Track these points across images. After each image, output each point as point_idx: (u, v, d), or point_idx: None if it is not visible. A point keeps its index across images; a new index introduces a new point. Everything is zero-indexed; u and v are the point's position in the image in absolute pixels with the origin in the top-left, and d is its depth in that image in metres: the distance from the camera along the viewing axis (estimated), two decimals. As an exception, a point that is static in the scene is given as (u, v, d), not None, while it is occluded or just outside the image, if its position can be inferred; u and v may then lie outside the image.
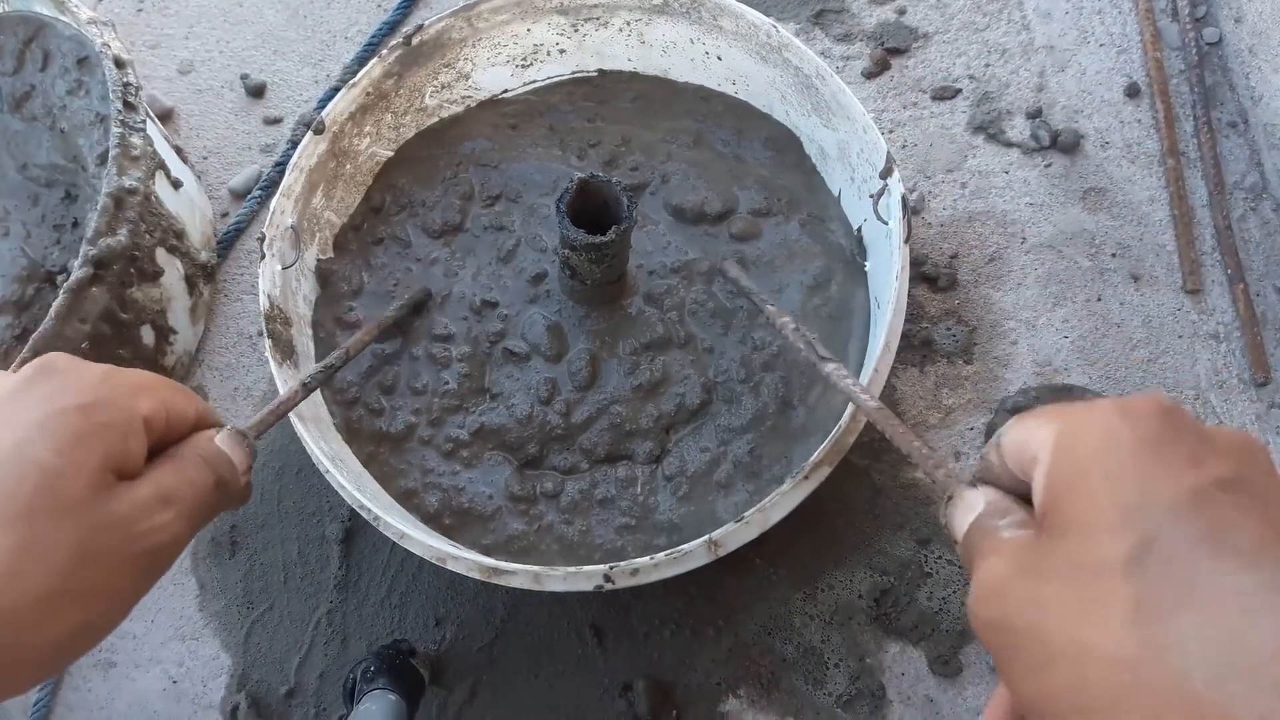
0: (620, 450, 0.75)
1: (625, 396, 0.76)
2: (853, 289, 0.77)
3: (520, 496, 0.74)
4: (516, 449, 0.75)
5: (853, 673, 0.79)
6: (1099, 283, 0.89)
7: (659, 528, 0.73)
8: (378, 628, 0.82)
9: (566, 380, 0.77)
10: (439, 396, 0.77)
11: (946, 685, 0.78)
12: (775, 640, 0.80)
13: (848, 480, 0.83)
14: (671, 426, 0.76)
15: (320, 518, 0.85)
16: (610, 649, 0.80)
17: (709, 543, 0.61)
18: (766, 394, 0.75)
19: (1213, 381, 0.85)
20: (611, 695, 0.79)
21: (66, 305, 0.76)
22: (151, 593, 0.85)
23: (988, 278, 0.90)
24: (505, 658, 0.81)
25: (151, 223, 0.84)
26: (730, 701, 0.79)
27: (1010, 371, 0.86)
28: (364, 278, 0.82)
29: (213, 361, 0.94)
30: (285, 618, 0.84)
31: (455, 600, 0.82)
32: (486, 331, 0.79)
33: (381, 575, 0.84)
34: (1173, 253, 0.90)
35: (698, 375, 0.76)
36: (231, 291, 0.97)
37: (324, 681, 0.81)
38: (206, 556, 0.86)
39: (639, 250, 0.81)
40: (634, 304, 0.79)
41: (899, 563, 0.81)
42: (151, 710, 0.83)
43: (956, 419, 0.85)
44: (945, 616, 0.79)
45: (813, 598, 0.81)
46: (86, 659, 0.84)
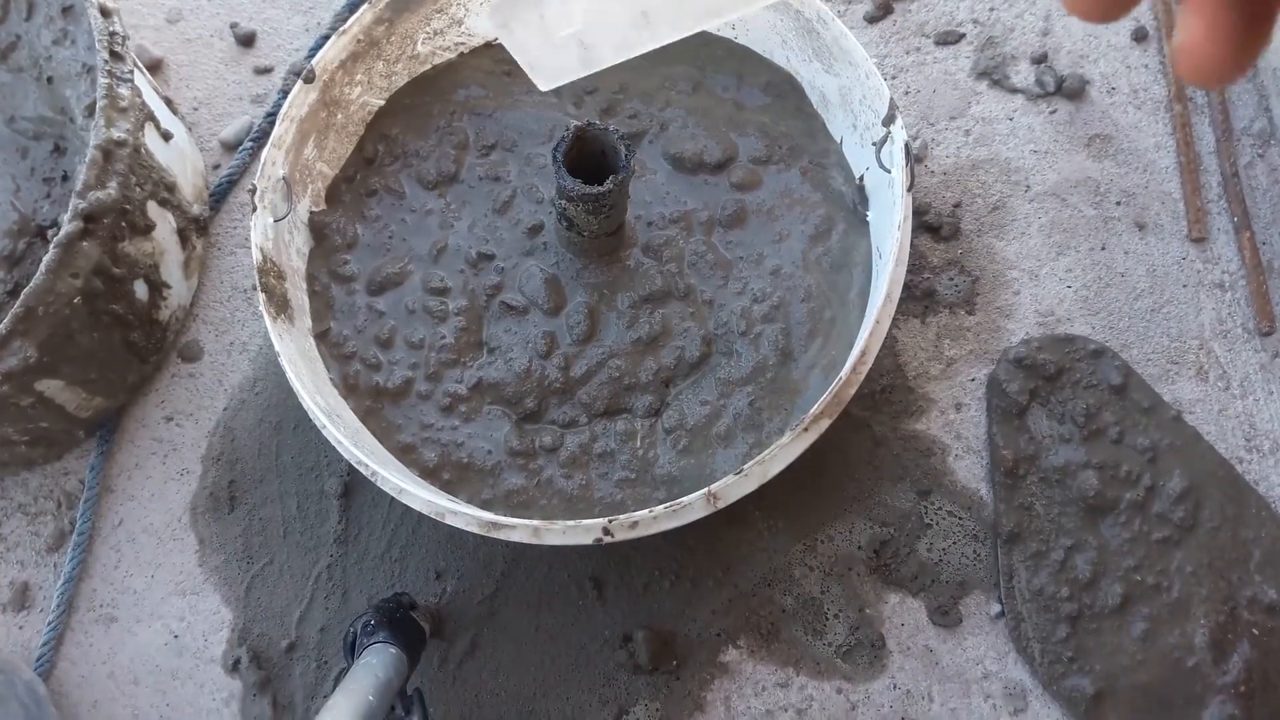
0: (619, 404, 0.75)
1: (624, 350, 0.75)
2: (855, 239, 0.76)
3: (519, 451, 0.74)
4: (515, 403, 0.75)
5: (852, 623, 0.79)
6: (1103, 231, 0.88)
7: (658, 481, 0.73)
8: (378, 581, 0.83)
9: (565, 334, 0.76)
10: (436, 351, 0.76)
11: (946, 635, 0.79)
12: (775, 591, 0.80)
13: (848, 432, 0.82)
14: (671, 380, 0.75)
15: (319, 472, 0.85)
16: (610, 600, 0.80)
17: (708, 495, 0.61)
18: (767, 346, 0.74)
19: (1217, 331, 0.84)
20: (612, 646, 0.79)
21: (57, 260, 0.75)
22: (151, 548, 0.86)
23: (991, 227, 0.89)
24: (506, 610, 0.81)
25: (142, 175, 0.83)
26: (730, 652, 0.79)
27: (1013, 322, 0.86)
28: (358, 230, 0.81)
29: (207, 316, 0.93)
30: (285, 572, 0.84)
31: (455, 554, 0.82)
32: (483, 285, 0.78)
33: (381, 529, 0.83)
34: (1178, 200, 0.88)
35: (697, 328, 0.76)
36: (225, 245, 0.95)
37: (325, 635, 0.82)
38: (205, 512, 0.86)
39: (637, 201, 0.79)
40: (632, 256, 0.78)
41: (899, 514, 0.81)
42: (154, 664, 0.83)
43: (958, 370, 0.85)
44: (945, 567, 0.80)
45: (812, 549, 0.81)
46: (88, 614, 0.84)
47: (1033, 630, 0.76)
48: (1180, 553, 0.77)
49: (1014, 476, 0.79)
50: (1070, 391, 0.81)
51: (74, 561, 0.85)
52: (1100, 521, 0.78)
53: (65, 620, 0.84)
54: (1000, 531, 0.78)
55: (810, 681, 0.78)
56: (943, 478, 0.82)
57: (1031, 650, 0.76)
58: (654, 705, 0.78)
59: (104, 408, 0.86)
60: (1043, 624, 0.76)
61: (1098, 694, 0.74)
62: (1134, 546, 0.77)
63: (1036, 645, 0.76)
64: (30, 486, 0.89)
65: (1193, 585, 0.76)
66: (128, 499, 0.87)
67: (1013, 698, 0.77)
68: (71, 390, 0.81)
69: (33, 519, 0.88)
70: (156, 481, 0.88)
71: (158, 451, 0.88)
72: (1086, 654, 0.75)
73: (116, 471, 0.88)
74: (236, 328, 0.92)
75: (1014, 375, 0.81)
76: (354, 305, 0.78)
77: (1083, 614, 0.76)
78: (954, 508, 0.81)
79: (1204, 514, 0.78)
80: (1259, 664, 0.74)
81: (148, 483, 0.88)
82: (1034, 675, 0.77)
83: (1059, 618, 0.76)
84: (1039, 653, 0.76)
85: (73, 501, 0.87)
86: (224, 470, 0.87)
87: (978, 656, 0.78)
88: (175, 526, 0.86)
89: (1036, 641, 0.76)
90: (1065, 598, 0.76)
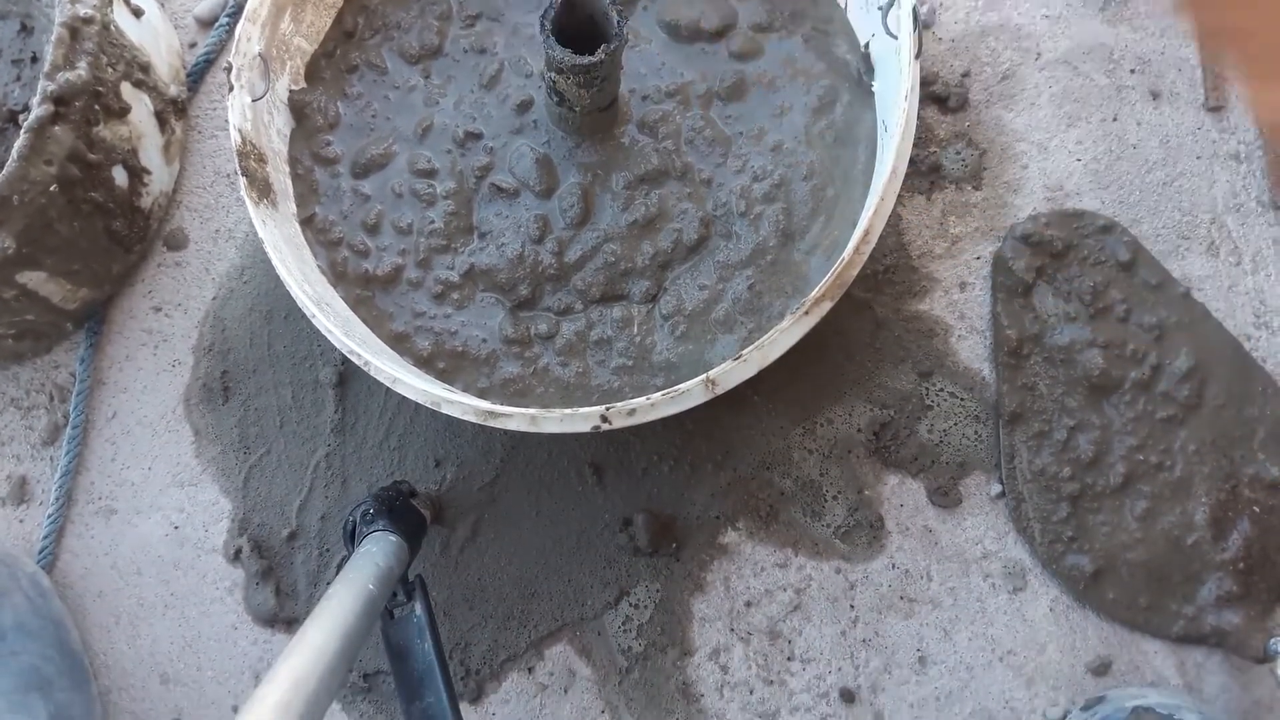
0: (616, 290, 0.73)
1: (620, 233, 0.73)
2: (859, 111, 0.73)
3: (514, 339, 0.72)
4: (509, 290, 0.73)
5: (851, 505, 0.79)
6: (1116, 101, 0.84)
7: (656, 368, 0.71)
8: (377, 470, 0.82)
9: (558, 217, 0.74)
10: (425, 236, 0.74)
11: (945, 516, 0.79)
12: (774, 474, 0.80)
13: (849, 314, 0.81)
14: (668, 264, 0.73)
15: (312, 362, 0.84)
16: (609, 485, 0.80)
17: (706, 382, 0.59)
18: (767, 227, 0.72)
19: (1230, 204, 0.82)
20: (612, 530, 0.80)
21: (29, 146, 0.72)
22: (146, 440, 0.85)
23: (1000, 97, 0.85)
24: (506, 496, 0.81)
25: (113, 55, 0.79)
26: (729, 534, 0.80)
27: (1020, 197, 0.83)
28: (340, 109, 0.77)
29: (191, 203, 0.90)
30: (283, 462, 0.83)
31: (454, 441, 0.82)
32: (472, 165, 0.75)
33: (379, 418, 0.83)
34: (1195, 67, 0.85)
35: (695, 209, 0.73)
36: (205, 128, 0.92)
37: (326, 523, 0.82)
38: (199, 403, 0.85)
39: (631, 72, 0.76)
40: (627, 133, 0.75)
41: (899, 396, 0.80)
42: (155, 555, 0.83)
43: (963, 248, 0.82)
44: (945, 449, 0.79)
45: (811, 432, 0.80)
46: (87, 506, 0.84)
47: (1033, 510, 0.76)
48: (1184, 431, 0.76)
49: (1018, 356, 0.78)
50: (1077, 269, 0.79)
51: (70, 455, 0.85)
52: (1104, 401, 0.77)
53: (65, 513, 0.84)
54: (1002, 412, 0.78)
55: (809, 562, 0.79)
56: (945, 359, 0.81)
57: (1031, 530, 0.76)
58: (654, 586, 0.79)
59: (90, 299, 0.85)
60: (1043, 504, 0.76)
61: (1096, 572, 0.75)
62: (1137, 426, 0.76)
63: (1036, 525, 0.76)
64: (21, 380, 0.88)
65: (1195, 464, 0.76)
66: (120, 391, 0.86)
67: (1012, 576, 0.77)
68: (55, 282, 0.80)
69: (25, 413, 0.87)
70: (148, 373, 0.86)
71: (148, 343, 0.87)
72: (1086, 533, 0.76)
73: (107, 364, 0.87)
74: (221, 214, 0.89)
75: (1020, 252, 0.79)
76: (339, 189, 0.75)
77: (1084, 493, 0.76)
78: (956, 389, 0.80)
79: (1209, 392, 0.77)
80: (1258, 541, 0.75)
81: (139, 374, 0.86)
82: (1033, 554, 0.77)
83: (1060, 497, 0.76)
84: (1039, 532, 0.76)
85: (65, 395, 0.86)
86: (216, 361, 0.85)
87: (977, 536, 0.78)
88: (170, 418, 0.86)
89: (1037, 521, 0.76)
90: (1067, 477, 0.76)
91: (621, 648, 0.79)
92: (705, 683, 0.78)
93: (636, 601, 0.79)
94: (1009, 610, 0.77)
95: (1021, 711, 0.76)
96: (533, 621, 0.80)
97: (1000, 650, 0.77)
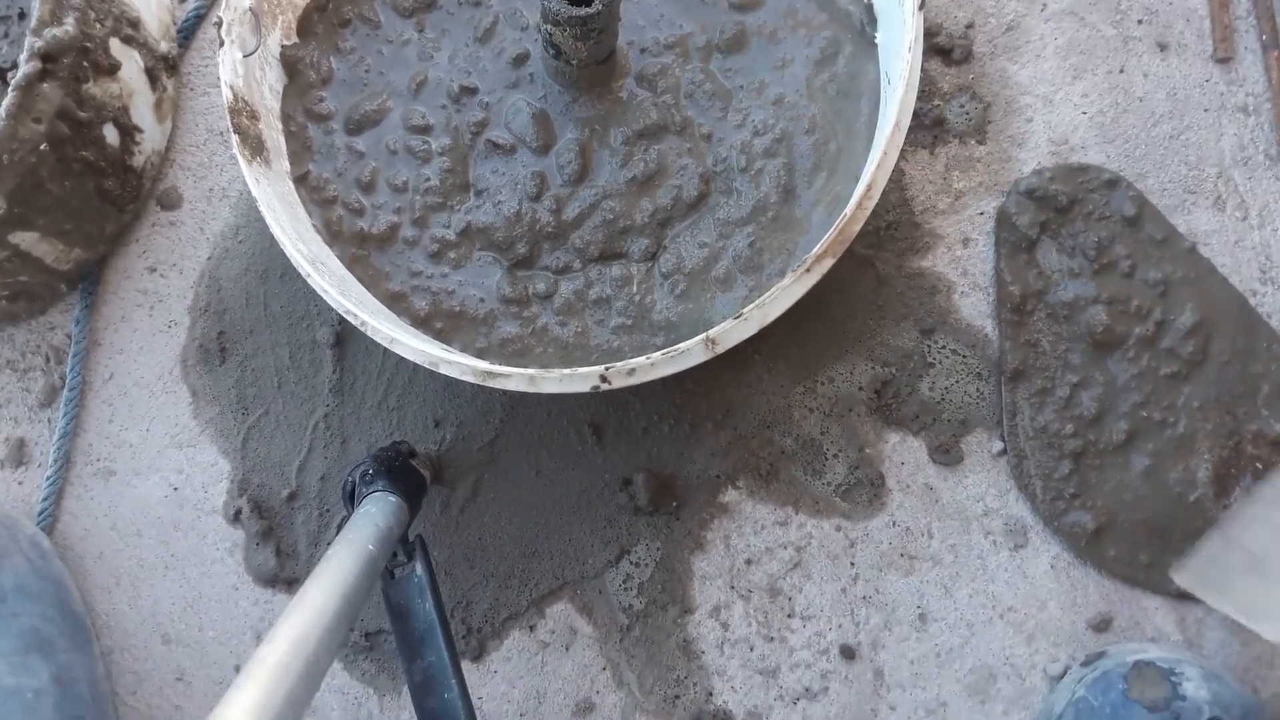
0: (615, 248, 0.72)
1: (618, 190, 0.72)
2: (862, 64, 0.72)
3: (512, 299, 0.72)
4: (506, 249, 0.72)
5: (852, 463, 0.79)
6: (1122, 52, 0.83)
7: (656, 327, 0.71)
8: (376, 430, 0.82)
9: (555, 174, 0.73)
10: (421, 194, 0.73)
11: (946, 474, 0.79)
12: (774, 433, 0.80)
13: (851, 271, 0.80)
14: (668, 221, 0.72)
15: (309, 322, 0.83)
16: (609, 445, 0.80)
17: (706, 341, 0.59)
18: (768, 183, 0.71)
19: (1238, 158, 0.81)
20: (612, 489, 0.80)
21: (17, 104, 0.71)
22: (144, 401, 0.85)
23: (1004, 49, 0.83)
24: (506, 456, 0.81)
25: (101, 10, 0.78)
26: (730, 492, 0.80)
27: (1024, 151, 0.82)
28: (332, 64, 0.76)
29: (184, 161, 0.89)
30: (282, 422, 0.83)
31: (453, 402, 0.81)
32: (467, 121, 0.74)
33: (377, 378, 0.82)
34: (1204, 18, 0.83)
35: (695, 165, 0.72)
36: (198, 85, 0.90)
37: (325, 484, 0.82)
38: (196, 364, 0.84)
39: (629, 24, 0.74)
40: (625, 87, 0.73)
41: (901, 354, 0.79)
42: (155, 516, 0.83)
43: (967, 203, 0.81)
44: (947, 406, 0.79)
45: (812, 391, 0.80)
46: (86, 468, 0.84)
47: (1035, 467, 0.76)
48: (1188, 388, 0.76)
49: (1021, 313, 0.77)
50: (1082, 224, 0.78)
51: (68, 417, 0.84)
52: (1108, 357, 0.76)
53: (64, 475, 0.84)
54: (1005, 369, 0.77)
55: (809, 520, 0.79)
56: (947, 316, 0.80)
57: (1033, 487, 0.76)
58: (654, 545, 0.79)
59: (84, 259, 0.84)
60: (1045, 461, 0.76)
61: (1098, 529, 0.75)
62: (1141, 382, 0.76)
63: (1038, 482, 0.76)
64: (17, 342, 0.87)
65: (1199, 420, 0.75)
66: (116, 352, 0.86)
67: (1013, 534, 0.77)
68: (48, 242, 0.79)
69: (22, 375, 0.87)
70: (144, 334, 0.86)
71: (143, 303, 0.86)
72: (1088, 490, 0.75)
73: (103, 325, 0.86)
74: (215, 173, 0.88)
75: (1024, 207, 0.78)
76: (333, 145, 0.74)
77: (1086, 450, 0.76)
78: (958, 346, 0.79)
79: (1214, 348, 0.76)
80: (1260, 496, 0.74)
81: (135, 335, 0.86)
82: (1035, 511, 0.77)
83: (1062, 454, 0.76)
84: (1040, 489, 0.76)
85: (61, 356, 0.86)
86: (212, 321, 0.85)
87: (978, 494, 0.78)
88: (166, 379, 0.85)
89: (1038, 478, 0.76)
90: (1069, 434, 0.76)
91: (622, 605, 0.79)
92: (706, 640, 0.78)
93: (637, 560, 0.79)
94: (1010, 567, 0.77)
95: (1022, 667, 0.76)
96: (534, 580, 0.80)
97: (1001, 607, 0.77)
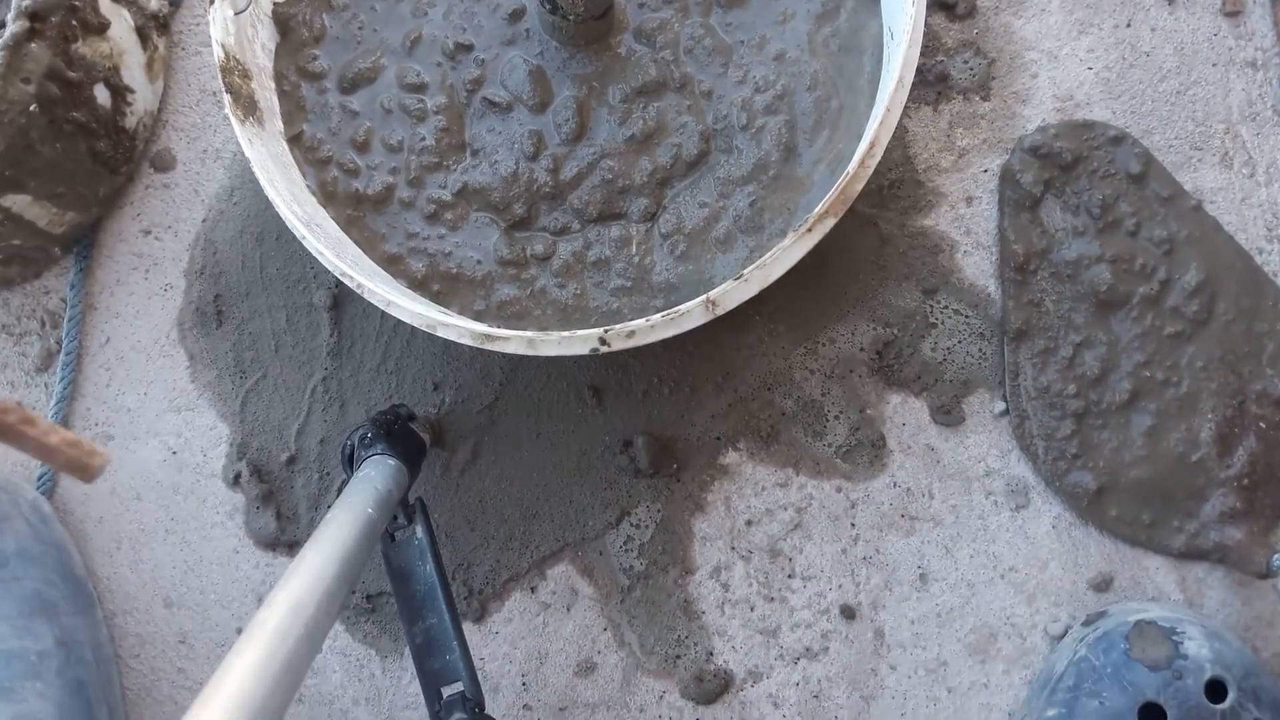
0: (613, 208, 0.71)
1: (617, 149, 0.71)
2: (865, 18, 0.70)
3: (510, 260, 0.71)
4: (503, 210, 0.71)
5: (853, 424, 0.78)
6: (1129, 6, 0.81)
7: (656, 289, 0.70)
8: (375, 393, 0.82)
9: (553, 132, 0.72)
10: (416, 154, 0.72)
11: (948, 434, 0.78)
12: (775, 395, 0.79)
13: (853, 230, 0.79)
14: (667, 180, 0.71)
15: (306, 284, 0.83)
16: (609, 408, 0.80)
17: (707, 302, 0.58)
18: (769, 141, 0.70)
19: (1245, 114, 0.79)
20: (613, 452, 0.79)
21: (5, 64, 0.70)
22: (141, 365, 0.84)
23: (1009, 3, 0.82)
24: (505, 419, 0.80)
25: (88, -34, 0.76)
26: (730, 454, 0.79)
27: (1029, 108, 0.80)
28: (325, 21, 0.74)
29: (177, 122, 0.88)
30: (280, 386, 0.83)
31: (452, 365, 0.81)
32: (462, 79, 0.73)
33: (375, 341, 0.82)
34: (1215, -31, 0.81)
35: (695, 122, 0.71)
36: (189, 44, 0.89)
37: (325, 447, 0.82)
38: (193, 327, 0.84)
39: (627, -20, 0.73)
40: (623, 42, 0.72)
41: (903, 314, 0.79)
42: (154, 480, 0.83)
43: (970, 161, 0.80)
44: (949, 366, 0.78)
45: (813, 352, 0.79)
46: (84, 433, 0.84)
47: (1037, 428, 0.76)
48: (1192, 347, 0.75)
49: (1024, 272, 0.77)
50: (1086, 181, 0.77)
51: (65, 381, 0.84)
52: (1111, 317, 0.76)
53: (63, 439, 0.84)
54: (1008, 329, 0.77)
55: (810, 481, 0.79)
56: (950, 275, 0.79)
57: (1035, 447, 0.76)
58: (655, 507, 0.79)
59: (78, 223, 0.83)
60: (1047, 421, 0.75)
61: (1100, 489, 0.75)
62: (1145, 342, 0.75)
63: (1040, 442, 0.76)
64: (12, 306, 0.86)
65: (1202, 380, 0.75)
66: (112, 316, 0.85)
67: (1014, 494, 0.77)
68: (41, 205, 0.78)
69: (18, 339, 0.86)
70: (140, 298, 0.85)
71: (138, 266, 0.85)
72: (1090, 450, 0.75)
73: (98, 289, 0.85)
74: (209, 133, 0.87)
75: (1028, 165, 0.77)
76: (326, 105, 0.73)
77: (1089, 411, 0.75)
78: (960, 306, 0.78)
79: (1219, 307, 0.75)
80: (1263, 457, 0.74)
81: (131, 299, 0.85)
82: (1036, 472, 0.77)
83: (1064, 414, 0.75)
84: (1042, 450, 0.76)
85: (56, 320, 0.85)
86: (208, 284, 0.84)
87: (980, 454, 0.78)
88: (164, 343, 0.85)
89: (1040, 439, 0.76)
90: (1072, 395, 0.75)
91: (623, 567, 0.79)
92: (706, 600, 0.78)
93: (638, 521, 0.79)
94: (1011, 528, 0.77)
95: (1023, 627, 0.76)
96: (534, 542, 0.80)
97: (1002, 567, 0.77)
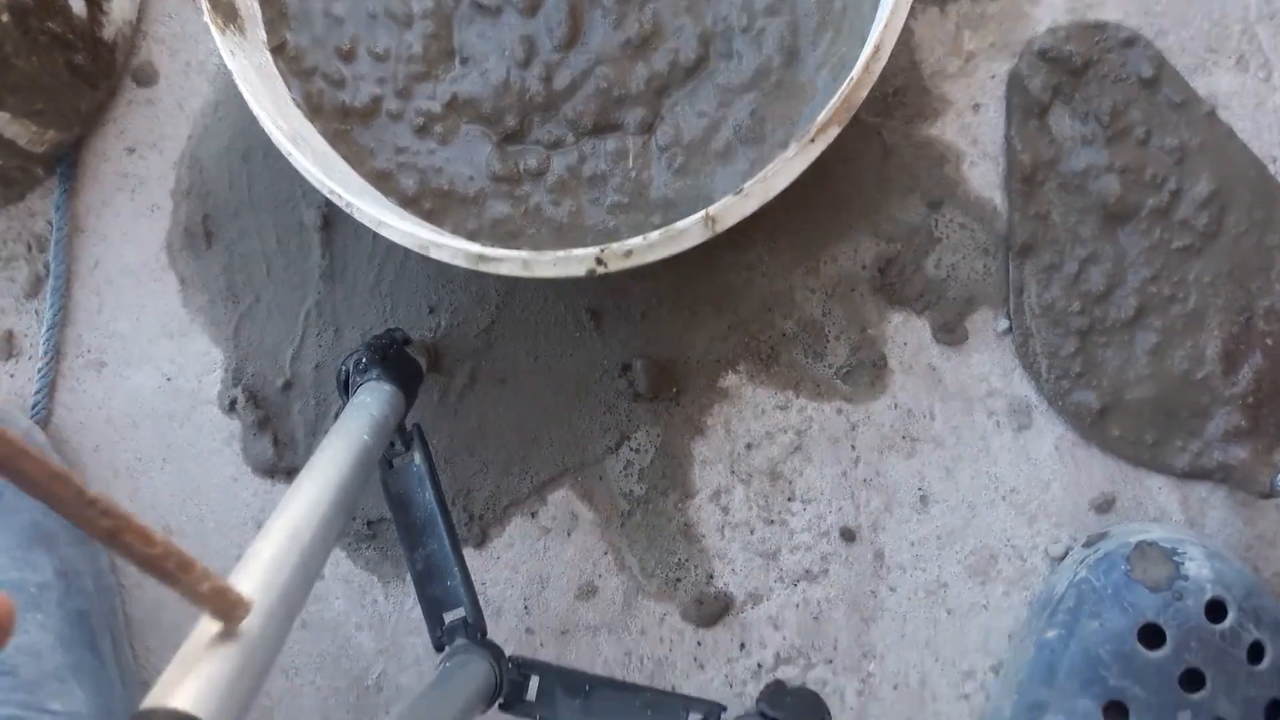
0: (609, 119, 0.69)
1: (612, 55, 0.68)
2: (869, -82, 0.67)
3: (503, 176, 0.69)
4: (495, 121, 0.69)
5: (854, 344, 0.77)
6: (1147, -97, 0.78)
7: (653, 205, 0.68)
8: (370, 317, 0.80)
9: (544, 37, 0.69)
10: (403, 62, 0.69)
11: (950, 354, 0.77)
12: (775, 316, 0.78)
13: (855, 141, 0.77)
14: (665, 89, 0.69)
15: (295, 204, 0.81)
16: (608, 330, 0.79)
17: (706, 219, 0.56)
18: (771, 44, 0.67)
19: (1263, 13, 0.76)
20: (611, 375, 0.78)
21: (-28, -27, 0.68)
22: (132, 289, 0.83)
23: (1021, -96, 0.79)
24: (503, 343, 0.79)
25: None
26: (730, 377, 0.78)
27: (1039, 8, 0.77)
28: (306, -73, 0.71)
29: (158, 33, 0.84)
30: (273, 310, 0.81)
31: (447, 287, 0.79)
32: (450, -18, 0.70)
33: (368, 264, 0.80)
34: None
35: (693, 24, 0.68)
36: (165, -49, 0.86)
37: (320, 373, 0.81)
38: (182, 249, 0.82)
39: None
40: (617, -57, 0.69)
41: (907, 229, 0.77)
42: (150, 407, 0.82)
43: (977, 66, 0.77)
44: (952, 283, 0.77)
45: (814, 271, 0.78)
46: (77, 360, 0.83)
47: (1040, 345, 0.75)
48: (1200, 262, 0.73)
49: (1031, 183, 0.75)
50: (1097, 87, 0.74)
51: (55, 307, 0.82)
52: (1119, 230, 0.74)
53: (54, 367, 0.83)
54: (1013, 243, 0.75)
55: (810, 403, 0.78)
56: (955, 187, 0.77)
57: (1038, 366, 0.75)
58: (654, 431, 0.78)
59: (59, 141, 0.81)
60: (1051, 339, 0.74)
61: (1103, 408, 0.74)
62: (1152, 256, 0.74)
63: (1044, 360, 0.75)
64: (-4, 230, 0.85)
65: (1209, 295, 0.73)
66: (100, 239, 0.83)
67: (1017, 414, 0.76)
68: (20, 123, 0.76)
69: (5, 264, 0.84)
70: (127, 219, 0.83)
71: (124, 187, 0.83)
72: (1094, 368, 0.74)
73: (84, 210, 0.84)
74: (191, 45, 0.84)
75: (1037, 70, 0.75)
76: (309, 11, 0.70)
77: (1093, 328, 0.74)
78: (966, 219, 0.77)
79: (1229, 219, 0.73)
80: (1269, 374, 0.73)
81: (118, 220, 0.83)
82: (1039, 391, 0.76)
83: (1068, 332, 0.74)
84: (1046, 368, 0.75)
85: (43, 244, 0.84)
86: (196, 204, 0.82)
87: (982, 374, 0.77)
88: (154, 266, 0.83)
89: (1044, 357, 0.75)
90: (1076, 311, 0.74)
91: (623, 491, 0.79)
92: (706, 524, 0.78)
93: (637, 446, 0.79)
94: (1013, 448, 0.76)
95: (1023, 549, 0.76)
96: (534, 467, 0.79)
97: (1003, 489, 0.76)
